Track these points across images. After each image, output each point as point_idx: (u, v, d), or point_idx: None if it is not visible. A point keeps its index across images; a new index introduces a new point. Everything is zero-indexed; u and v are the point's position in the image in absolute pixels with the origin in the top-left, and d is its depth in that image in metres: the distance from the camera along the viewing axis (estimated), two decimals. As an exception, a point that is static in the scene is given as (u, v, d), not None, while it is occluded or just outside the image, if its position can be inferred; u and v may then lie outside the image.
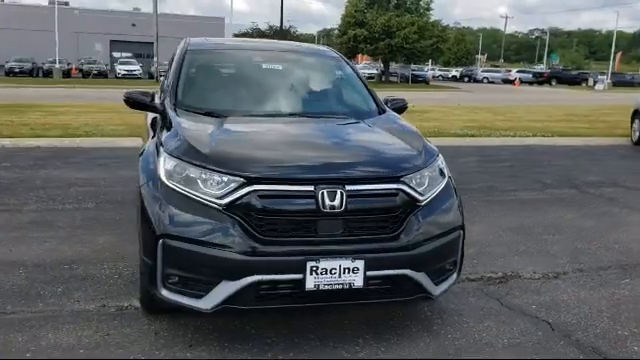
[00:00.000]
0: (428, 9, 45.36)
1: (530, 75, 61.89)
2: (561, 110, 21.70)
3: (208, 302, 3.00)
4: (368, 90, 4.55)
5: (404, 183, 3.21)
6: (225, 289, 2.96)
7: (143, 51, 56.17)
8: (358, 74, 4.74)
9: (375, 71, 53.21)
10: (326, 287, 3.00)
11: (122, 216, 5.73)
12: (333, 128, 3.88)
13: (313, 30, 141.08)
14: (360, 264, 3.01)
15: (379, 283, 3.11)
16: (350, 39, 43.23)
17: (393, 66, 51.96)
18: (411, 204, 3.20)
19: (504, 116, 18.27)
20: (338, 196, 3.01)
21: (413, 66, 52.36)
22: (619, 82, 55.50)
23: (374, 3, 44.02)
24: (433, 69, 65.06)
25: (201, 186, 3.07)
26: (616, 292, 4.29)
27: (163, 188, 3.16)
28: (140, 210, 3.23)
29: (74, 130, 11.21)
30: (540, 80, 59.35)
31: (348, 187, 3.05)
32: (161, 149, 3.33)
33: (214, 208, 3.02)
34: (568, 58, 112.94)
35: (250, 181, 3.00)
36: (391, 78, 48.83)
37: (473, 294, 4.13)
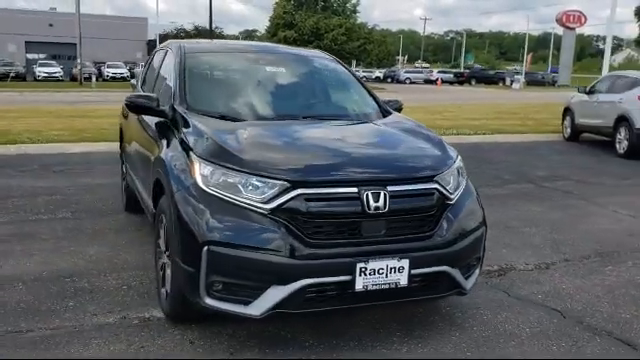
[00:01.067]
0: (355, 11, 46.25)
1: (451, 75, 64.18)
2: (491, 108, 22.68)
3: (258, 308, 2.97)
4: (368, 91, 4.64)
5: (437, 182, 3.31)
6: (275, 294, 2.95)
7: (61, 52, 53.65)
8: (356, 76, 4.82)
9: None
10: (374, 287, 3.05)
11: (104, 226, 5.52)
12: (355, 130, 3.94)
13: (234, 31, 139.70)
14: (405, 263, 3.08)
15: (420, 281, 3.20)
16: (280, 41, 43.17)
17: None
18: (443, 203, 3.31)
19: (441, 115, 18.88)
20: (382, 197, 3.06)
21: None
22: (532, 81, 58.83)
23: (302, 5, 44.30)
24: (357, 70, 66.11)
25: (242, 191, 3.04)
26: (605, 279, 4.59)
27: (201, 194, 3.10)
28: (176, 218, 3.15)
29: (15, 136, 10.60)
30: (460, 80, 61.68)
31: (390, 188, 3.12)
32: (192, 155, 3.26)
33: (259, 213, 3.00)
34: (481, 59, 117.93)
35: (295, 185, 3.01)
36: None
37: (480, 287, 4.25)
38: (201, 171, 3.15)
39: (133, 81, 6.48)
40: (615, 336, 3.58)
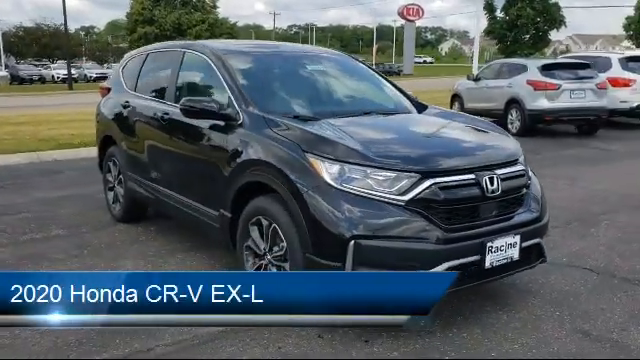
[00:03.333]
0: (214, 6, 45.55)
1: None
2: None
3: (405, 295, 3.15)
4: (395, 86, 4.91)
5: (521, 164, 3.71)
6: (420, 279, 3.15)
7: None
8: (380, 73, 5.08)
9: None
10: (497, 263, 3.36)
11: (112, 239, 5.21)
12: (433, 122, 4.21)
13: (70, 27, 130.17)
14: (518, 239, 3.43)
15: (523, 253, 3.55)
16: (140, 37, 41.34)
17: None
18: (526, 182, 3.72)
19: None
20: (495, 180, 3.39)
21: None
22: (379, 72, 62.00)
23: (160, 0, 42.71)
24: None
25: (374, 185, 3.19)
26: (599, 239, 5.31)
27: (334, 192, 3.19)
28: (310, 217, 3.21)
29: None
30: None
31: (498, 171, 3.45)
32: (310, 155, 3.30)
33: (395, 204, 3.17)
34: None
35: (425, 175, 3.22)
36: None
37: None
38: (328, 170, 3.24)
39: (106, 83, 6.08)
40: (647, 284, 4.25)
